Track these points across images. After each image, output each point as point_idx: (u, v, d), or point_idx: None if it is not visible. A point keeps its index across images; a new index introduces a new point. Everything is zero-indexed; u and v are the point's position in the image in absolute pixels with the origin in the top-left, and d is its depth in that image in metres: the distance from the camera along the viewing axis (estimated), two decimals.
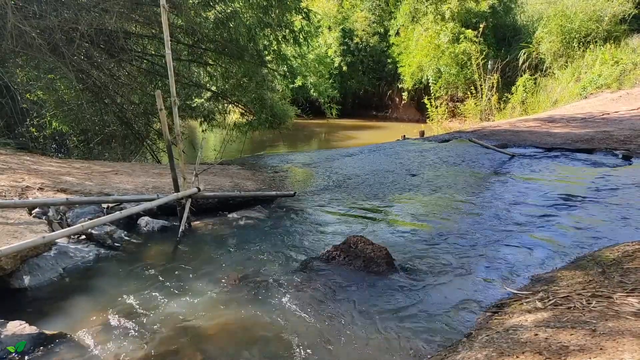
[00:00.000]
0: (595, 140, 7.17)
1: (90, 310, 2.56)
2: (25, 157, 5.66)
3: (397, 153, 7.98)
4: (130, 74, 7.71)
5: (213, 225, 4.14)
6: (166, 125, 3.91)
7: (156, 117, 7.93)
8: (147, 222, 3.93)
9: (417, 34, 16.83)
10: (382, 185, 5.60)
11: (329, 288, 2.83)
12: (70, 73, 5.99)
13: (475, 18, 15.58)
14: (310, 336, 2.31)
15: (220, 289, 2.83)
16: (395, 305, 2.61)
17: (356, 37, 19.84)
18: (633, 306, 2.02)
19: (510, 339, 1.93)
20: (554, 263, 3.12)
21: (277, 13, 7.96)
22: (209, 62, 8.48)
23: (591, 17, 13.33)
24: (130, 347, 2.20)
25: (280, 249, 3.52)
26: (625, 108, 9.89)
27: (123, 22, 6.47)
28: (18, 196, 3.68)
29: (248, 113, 9.75)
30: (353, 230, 3.94)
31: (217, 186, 5.04)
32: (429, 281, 2.92)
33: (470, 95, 14.94)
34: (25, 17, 5.39)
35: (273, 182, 5.88)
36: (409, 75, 17.19)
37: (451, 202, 4.77)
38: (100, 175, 4.97)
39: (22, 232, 3.01)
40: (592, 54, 13.13)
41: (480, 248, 3.47)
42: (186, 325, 2.41)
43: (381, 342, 2.27)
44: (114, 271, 3.09)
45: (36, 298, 2.70)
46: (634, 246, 3.04)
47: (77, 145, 8.63)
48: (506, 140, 7.97)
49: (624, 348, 1.61)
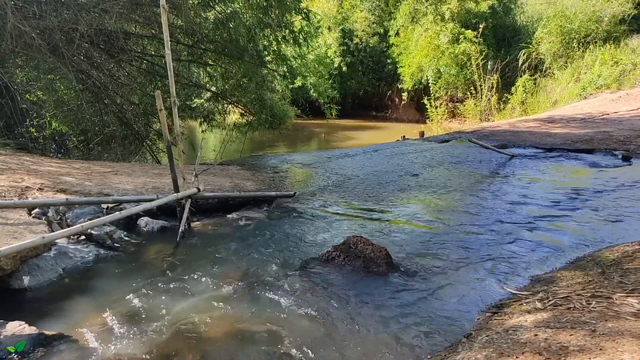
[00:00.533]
0: (595, 141, 7.17)
1: (90, 311, 2.55)
2: (25, 158, 5.66)
3: (397, 153, 7.99)
4: (130, 74, 7.72)
5: (213, 226, 4.14)
6: (166, 125, 3.91)
7: (156, 117, 7.93)
8: (147, 222, 3.93)
9: (417, 35, 16.84)
10: (381, 186, 5.60)
11: (329, 289, 2.83)
12: (70, 73, 5.99)
13: (475, 18, 15.59)
14: (309, 337, 2.31)
15: (219, 289, 2.83)
16: (395, 306, 2.61)
17: (356, 38, 19.85)
18: (633, 307, 2.02)
19: (510, 339, 1.93)
20: (553, 263, 3.12)
21: (277, 13, 7.96)
22: (209, 62, 8.48)
23: (591, 18, 13.34)
24: (130, 348, 2.20)
25: (280, 250, 3.52)
26: (625, 108, 9.90)
27: (123, 23, 6.47)
28: (18, 196, 3.68)
29: (248, 113, 9.75)
30: (353, 231, 3.94)
31: (216, 186, 5.04)
32: (428, 281, 2.92)
33: (470, 96, 14.95)
34: (25, 18, 5.39)
35: (273, 182, 5.87)
36: (408, 75, 17.20)
37: (451, 203, 4.77)
38: (100, 176, 4.97)
39: (21, 233, 3.01)
40: (592, 54, 13.14)
41: (479, 248, 3.47)
42: (186, 326, 2.41)
43: (381, 343, 2.26)
44: (114, 272, 3.09)
45: (36, 298, 2.70)
46: (633, 247, 3.04)
47: (77, 146, 8.64)
48: (506, 141, 7.97)
49: (624, 348, 1.61)
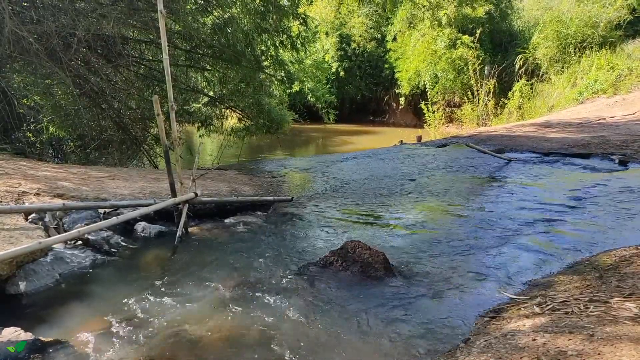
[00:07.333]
0: (592, 145, 7.20)
1: (87, 317, 2.54)
2: (22, 162, 5.64)
3: (395, 158, 8.00)
4: (128, 79, 7.72)
5: (210, 231, 4.13)
6: (163, 130, 3.90)
7: (153, 122, 7.94)
8: (144, 227, 3.92)
9: (414, 40, 16.93)
10: (379, 190, 5.60)
11: (326, 293, 2.82)
12: (67, 78, 5.99)
13: (472, 24, 15.69)
14: (306, 342, 2.30)
15: (216, 294, 2.82)
16: (393, 311, 2.60)
17: (353, 43, 19.94)
18: (631, 311, 2.02)
19: (508, 344, 1.93)
20: (551, 268, 3.12)
21: (274, 19, 7.98)
22: (207, 67, 8.49)
23: (587, 23, 13.45)
24: (127, 353, 2.19)
25: (278, 254, 3.51)
26: (621, 113, 9.95)
27: (120, 28, 6.47)
28: (14, 201, 3.67)
29: (245, 118, 9.76)
30: (350, 235, 3.93)
31: (214, 191, 5.04)
32: (426, 286, 2.91)
33: (467, 101, 15.02)
34: (22, 23, 5.39)
35: (270, 187, 5.87)
36: (406, 80, 17.28)
37: (448, 207, 4.77)
38: (97, 181, 4.96)
39: (18, 238, 3.00)
40: (588, 59, 13.24)
41: (477, 253, 3.47)
42: (182, 331, 2.39)
43: (378, 348, 2.26)
44: (111, 277, 3.08)
45: (32, 304, 2.68)
46: (630, 251, 3.05)
47: (74, 151, 8.62)
48: (503, 145, 7.99)
49: (622, 353, 1.61)
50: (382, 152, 8.78)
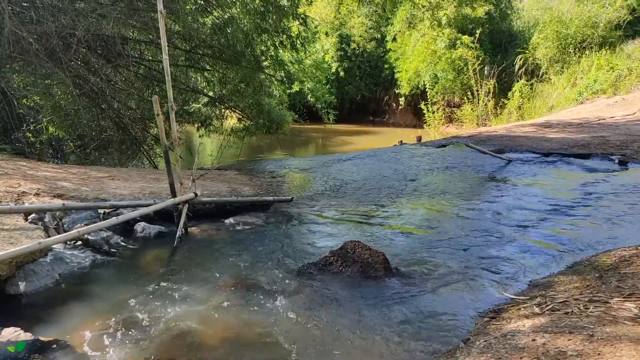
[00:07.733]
0: (592, 146, 7.20)
1: (86, 317, 2.54)
2: (22, 163, 5.64)
3: (395, 158, 8.00)
4: (128, 79, 7.72)
5: (210, 231, 4.12)
6: (163, 130, 3.90)
7: (153, 122, 7.93)
8: (144, 227, 3.92)
9: (414, 40, 16.94)
10: (379, 191, 5.60)
11: (326, 294, 2.82)
12: (67, 78, 5.98)
13: (472, 24, 15.70)
14: (305, 343, 2.30)
15: (216, 295, 2.82)
16: (392, 311, 2.60)
17: (353, 43, 19.95)
18: (630, 311, 2.02)
19: (508, 344, 1.93)
20: (551, 268, 3.12)
21: (274, 19, 7.97)
22: (206, 67, 8.49)
23: (587, 23, 13.46)
24: (127, 353, 2.19)
25: (277, 255, 3.51)
26: (621, 113, 9.96)
27: (120, 28, 6.47)
28: (14, 202, 3.67)
29: (245, 118, 9.76)
30: (350, 236, 3.93)
31: (214, 191, 5.03)
32: (426, 286, 2.91)
33: (467, 101, 15.03)
34: (22, 23, 5.38)
35: (270, 187, 5.87)
36: (405, 80, 17.28)
37: (448, 207, 4.77)
38: (97, 181, 4.95)
39: (17, 238, 2.99)
40: (588, 59, 13.25)
41: (477, 253, 3.47)
42: (182, 331, 2.39)
43: (377, 348, 2.26)
44: (110, 277, 3.08)
45: (32, 304, 2.68)
46: (630, 251, 3.05)
47: (74, 151, 8.61)
48: (503, 146, 8.00)
49: (622, 353, 1.61)
50: (382, 153, 8.78)
